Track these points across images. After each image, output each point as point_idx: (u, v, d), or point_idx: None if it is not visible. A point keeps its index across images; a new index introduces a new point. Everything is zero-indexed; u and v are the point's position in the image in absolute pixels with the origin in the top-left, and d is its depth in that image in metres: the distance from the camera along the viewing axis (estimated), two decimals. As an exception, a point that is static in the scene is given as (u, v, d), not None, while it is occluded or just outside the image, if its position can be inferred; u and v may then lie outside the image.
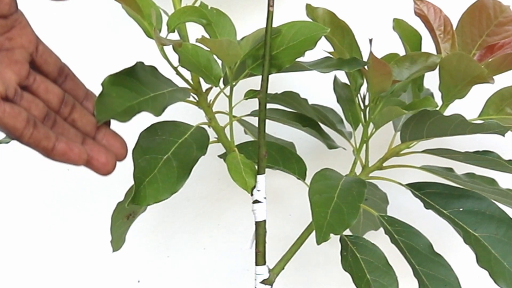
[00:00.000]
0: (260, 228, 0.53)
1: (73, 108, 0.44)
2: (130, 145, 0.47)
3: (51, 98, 0.43)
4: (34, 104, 0.42)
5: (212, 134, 0.54)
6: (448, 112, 0.55)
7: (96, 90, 0.45)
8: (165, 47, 0.52)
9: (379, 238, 0.60)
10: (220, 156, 0.63)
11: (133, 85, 0.46)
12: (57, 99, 0.44)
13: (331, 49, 0.61)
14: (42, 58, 0.43)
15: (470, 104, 0.60)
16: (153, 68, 0.50)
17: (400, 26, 0.61)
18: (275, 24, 0.53)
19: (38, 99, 0.42)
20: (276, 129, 0.68)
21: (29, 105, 0.42)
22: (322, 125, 0.66)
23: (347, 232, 0.59)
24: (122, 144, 0.45)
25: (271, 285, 0.55)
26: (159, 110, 0.46)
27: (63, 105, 0.44)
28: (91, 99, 0.46)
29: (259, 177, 0.53)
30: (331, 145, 0.67)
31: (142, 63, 0.49)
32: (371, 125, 0.60)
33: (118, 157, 0.45)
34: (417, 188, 0.58)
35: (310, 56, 0.57)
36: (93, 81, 0.47)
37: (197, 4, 0.55)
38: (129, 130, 0.49)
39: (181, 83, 0.53)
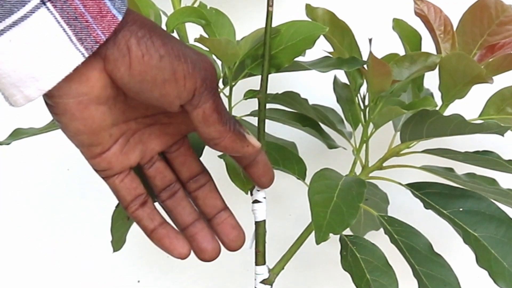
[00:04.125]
0: (260, 228, 0.53)
1: (202, 187, 0.44)
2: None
3: (183, 171, 0.43)
4: (161, 176, 0.43)
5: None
6: (448, 112, 0.55)
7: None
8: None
9: (379, 238, 0.60)
10: (220, 157, 0.63)
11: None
12: (188, 174, 0.43)
13: (331, 50, 0.61)
14: None
15: (471, 104, 0.60)
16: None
17: (400, 26, 0.61)
18: (275, 24, 0.53)
19: (168, 170, 0.43)
20: (276, 129, 0.68)
21: (156, 174, 0.42)
22: (322, 125, 0.66)
23: (348, 232, 0.59)
24: (237, 236, 0.45)
25: (271, 285, 0.55)
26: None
27: (193, 181, 0.44)
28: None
29: (258, 177, 0.53)
30: (331, 145, 0.67)
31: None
32: (371, 125, 0.60)
33: (228, 247, 0.45)
34: (417, 188, 0.58)
35: (310, 56, 0.57)
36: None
37: (196, 5, 0.55)
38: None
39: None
